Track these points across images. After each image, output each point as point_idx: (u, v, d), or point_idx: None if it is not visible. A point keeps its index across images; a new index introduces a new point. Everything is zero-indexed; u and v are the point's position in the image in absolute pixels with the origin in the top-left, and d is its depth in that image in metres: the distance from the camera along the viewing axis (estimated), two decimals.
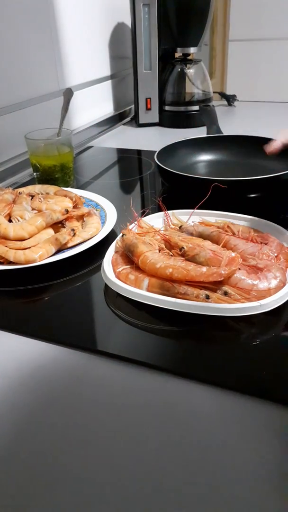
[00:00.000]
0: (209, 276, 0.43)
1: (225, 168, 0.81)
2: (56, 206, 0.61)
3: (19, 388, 0.38)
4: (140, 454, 0.31)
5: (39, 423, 0.34)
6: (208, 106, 0.98)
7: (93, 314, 0.46)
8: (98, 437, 0.33)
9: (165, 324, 0.43)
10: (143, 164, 0.93)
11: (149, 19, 1.07)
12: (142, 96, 1.17)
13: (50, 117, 0.95)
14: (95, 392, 0.37)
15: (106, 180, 0.85)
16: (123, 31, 1.27)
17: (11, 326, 0.45)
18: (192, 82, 1.20)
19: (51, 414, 0.35)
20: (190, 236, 0.53)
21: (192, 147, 0.83)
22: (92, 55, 1.15)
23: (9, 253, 0.52)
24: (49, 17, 0.96)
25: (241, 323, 0.42)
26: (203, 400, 0.35)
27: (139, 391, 0.37)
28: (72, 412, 0.35)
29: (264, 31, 1.38)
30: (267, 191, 0.65)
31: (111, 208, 0.65)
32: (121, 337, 0.42)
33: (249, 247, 0.50)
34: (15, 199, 0.65)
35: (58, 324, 0.45)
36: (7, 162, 0.88)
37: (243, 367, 0.38)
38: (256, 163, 0.79)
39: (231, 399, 0.35)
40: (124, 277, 0.47)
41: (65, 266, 0.53)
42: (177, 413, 0.34)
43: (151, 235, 0.53)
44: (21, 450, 0.32)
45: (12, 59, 0.86)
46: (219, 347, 0.41)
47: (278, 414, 0.34)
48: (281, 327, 0.42)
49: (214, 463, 0.30)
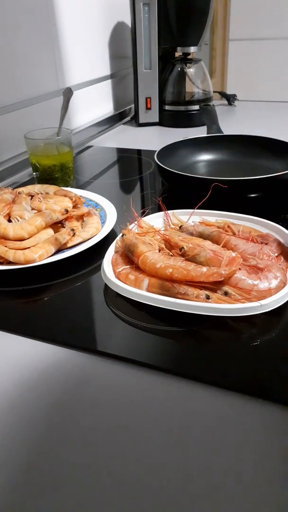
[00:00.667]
0: (209, 276, 0.43)
1: (225, 168, 0.81)
2: (55, 206, 0.61)
3: (19, 388, 0.38)
4: (140, 454, 0.31)
5: (38, 423, 0.34)
6: (208, 105, 0.98)
7: (93, 314, 0.46)
8: (98, 437, 0.33)
9: (165, 324, 0.43)
10: (143, 164, 0.93)
11: (149, 19, 1.07)
12: (142, 95, 1.17)
13: (49, 116, 0.95)
14: (95, 392, 0.37)
15: (106, 180, 0.85)
16: (123, 30, 1.27)
17: (10, 326, 0.45)
18: (192, 82, 1.20)
19: (51, 414, 0.35)
20: (190, 236, 0.53)
21: (192, 147, 0.83)
22: (92, 54, 1.15)
23: (9, 253, 0.52)
24: (49, 17, 0.95)
25: (241, 323, 0.42)
26: (203, 400, 0.35)
27: (139, 391, 0.36)
28: (72, 412, 0.35)
29: (264, 31, 1.38)
30: (267, 191, 0.65)
31: (111, 208, 0.64)
32: (121, 337, 0.42)
33: (249, 247, 0.50)
34: (15, 199, 0.65)
35: (58, 324, 0.45)
36: (7, 161, 0.88)
37: (243, 367, 0.38)
38: (256, 163, 0.79)
39: (231, 399, 0.35)
40: (124, 277, 0.47)
41: (65, 266, 0.53)
42: (177, 413, 0.34)
43: (151, 235, 0.53)
44: (21, 450, 0.32)
45: (11, 59, 0.86)
46: (219, 347, 0.41)
47: (278, 414, 0.34)
48: (282, 327, 0.42)
49: (214, 463, 0.30)
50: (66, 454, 0.32)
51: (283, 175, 0.63)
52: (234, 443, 0.32)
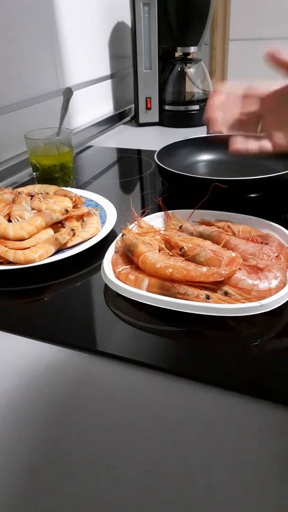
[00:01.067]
0: (209, 276, 0.43)
1: (225, 168, 0.81)
2: (55, 206, 0.61)
3: (19, 388, 0.38)
4: (139, 454, 0.31)
5: (38, 423, 0.34)
6: None
7: (93, 314, 0.46)
8: (97, 437, 0.33)
9: (165, 324, 0.43)
10: (143, 164, 0.93)
11: (149, 19, 1.07)
12: (142, 95, 1.17)
13: (49, 116, 0.95)
14: (95, 392, 0.37)
15: (106, 180, 0.85)
16: (123, 30, 1.27)
17: (10, 326, 0.45)
18: (192, 82, 1.20)
19: (51, 414, 0.35)
20: (190, 236, 0.53)
21: (192, 147, 0.83)
22: (92, 54, 1.15)
23: (9, 253, 0.52)
24: (49, 17, 0.95)
25: (241, 323, 0.42)
26: (203, 400, 0.35)
27: (138, 391, 0.36)
28: (72, 412, 0.35)
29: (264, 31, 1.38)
30: (267, 191, 0.65)
31: (111, 208, 0.64)
32: (121, 337, 0.42)
33: (249, 247, 0.50)
34: (15, 199, 0.65)
35: (58, 324, 0.45)
36: (7, 161, 0.88)
37: (243, 367, 0.38)
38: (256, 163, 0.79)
39: (231, 399, 0.35)
40: (124, 277, 0.47)
41: (65, 266, 0.53)
42: (177, 413, 0.34)
43: (151, 235, 0.53)
44: (21, 450, 0.32)
45: (11, 59, 0.86)
46: (219, 347, 0.41)
47: (278, 414, 0.34)
48: (282, 327, 0.42)
49: (214, 463, 0.30)
50: (66, 454, 0.32)
51: (283, 175, 0.63)
52: (234, 443, 0.32)
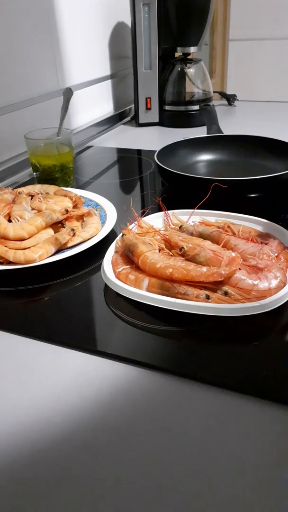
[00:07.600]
0: (209, 276, 0.43)
1: (225, 168, 0.81)
2: (56, 206, 0.61)
3: (18, 389, 0.38)
4: (139, 454, 0.31)
5: (38, 423, 0.34)
6: (208, 105, 0.98)
7: (93, 314, 0.46)
8: (97, 437, 0.33)
9: (165, 324, 0.43)
10: (143, 164, 0.93)
11: (149, 19, 1.07)
12: (142, 95, 1.17)
13: (49, 116, 0.95)
14: (95, 391, 0.37)
15: (106, 180, 0.85)
16: (123, 30, 1.27)
17: (10, 326, 0.45)
18: (192, 82, 1.20)
19: (50, 414, 0.35)
20: (190, 236, 0.53)
21: (192, 147, 0.83)
22: (92, 54, 1.15)
23: (9, 253, 0.52)
24: (49, 17, 0.95)
25: (241, 323, 0.42)
26: (203, 400, 0.35)
27: (138, 391, 0.36)
28: (72, 412, 0.35)
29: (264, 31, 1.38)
30: (267, 191, 0.65)
31: (111, 208, 0.64)
32: (121, 337, 0.42)
33: (249, 247, 0.50)
34: (15, 199, 0.65)
35: (58, 324, 0.45)
36: (7, 161, 0.88)
37: (243, 367, 0.38)
38: (256, 163, 0.79)
39: (231, 399, 0.35)
40: (124, 277, 0.47)
41: (65, 266, 0.53)
42: (177, 413, 0.34)
43: (151, 235, 0.53)
44: (20, 450, 0.32)
45: (11, 59, 0.86)
46: (219, 347, 0.41)
47: (278, 414, 0.34)
48: (282, 327, 0.42)
49: (214, 463, 0.30)
50: (65, 454, 0.32)
51: (283, 175, 0.63)
52: (234, 443, 0.32)
